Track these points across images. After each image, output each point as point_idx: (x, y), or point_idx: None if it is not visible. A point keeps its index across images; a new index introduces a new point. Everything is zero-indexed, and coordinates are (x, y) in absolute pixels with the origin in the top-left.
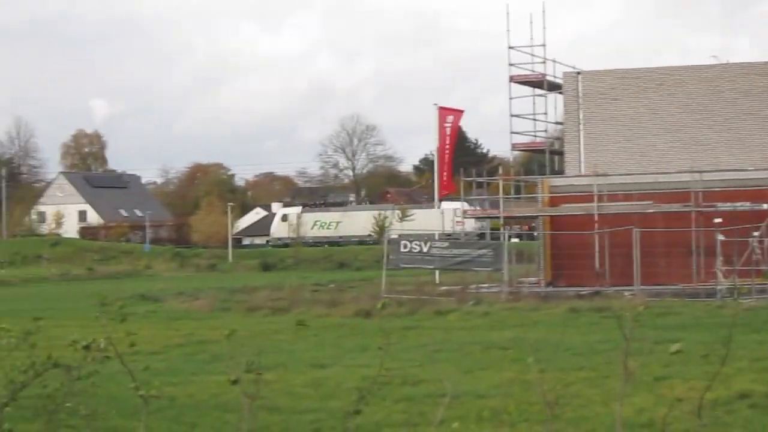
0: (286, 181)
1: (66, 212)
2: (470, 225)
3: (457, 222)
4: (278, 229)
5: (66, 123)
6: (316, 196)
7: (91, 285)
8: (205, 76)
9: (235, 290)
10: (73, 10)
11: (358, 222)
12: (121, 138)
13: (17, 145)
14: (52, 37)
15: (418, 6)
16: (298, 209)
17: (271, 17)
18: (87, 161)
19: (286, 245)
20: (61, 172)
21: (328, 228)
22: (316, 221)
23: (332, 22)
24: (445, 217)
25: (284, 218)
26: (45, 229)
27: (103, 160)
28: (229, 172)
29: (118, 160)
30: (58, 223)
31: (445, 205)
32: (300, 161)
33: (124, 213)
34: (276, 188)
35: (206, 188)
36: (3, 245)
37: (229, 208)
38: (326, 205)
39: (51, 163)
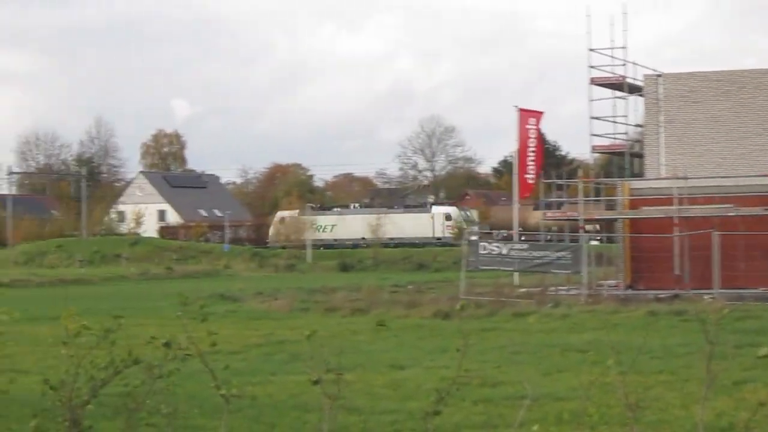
0: (365, 181)
1: (146, 212)
2: None
3: (446, 226)
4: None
5: (146, 123)
6: (395, 197)
7: (170, 284)
8: (285, 77)
9: (313, 290)
10: (155, 10)
11: (352, 225)
12: (200, 138)
13: (97, 145)
14: (134, 37)
15: (498, 8)
16: (295, 212)
17: (352, 17)
18: (166, 161)
19: (283, 248)
20: (141, 172)
21: (324, 231)
22: (312, 224)
23: (413, 23)
24: (435, 221)
25: (282, 221)
26: (124, 228)
27: (183, 160)
28: (308, 173)
29: (197, 160)
30: (138, 223)
31: (436, 209)
32: (379, 162)
33: (203, 213)
34: (355, 189)
35: (285, 188)
36: (83, 244)
37: (308, 208)
38: (324, 209)
39: (131, 162)
